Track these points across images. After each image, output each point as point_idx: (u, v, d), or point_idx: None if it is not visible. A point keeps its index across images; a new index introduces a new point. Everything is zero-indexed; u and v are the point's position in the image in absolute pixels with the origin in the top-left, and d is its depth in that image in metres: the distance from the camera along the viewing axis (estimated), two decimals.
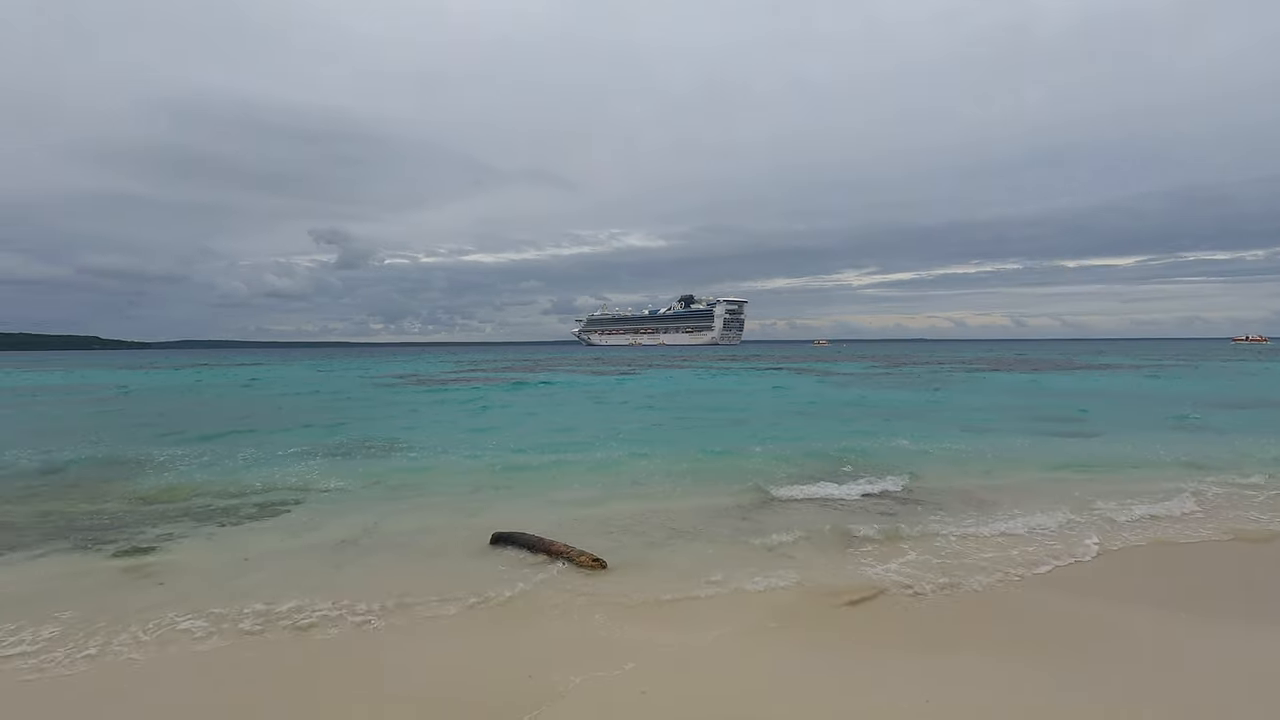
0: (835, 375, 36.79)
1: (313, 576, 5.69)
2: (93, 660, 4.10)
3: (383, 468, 10.92)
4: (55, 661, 4.08)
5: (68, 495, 9.17)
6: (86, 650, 4.21)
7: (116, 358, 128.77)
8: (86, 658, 4.12)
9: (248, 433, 15.61)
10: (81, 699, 3.65)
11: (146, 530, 7.36)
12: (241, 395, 29.23)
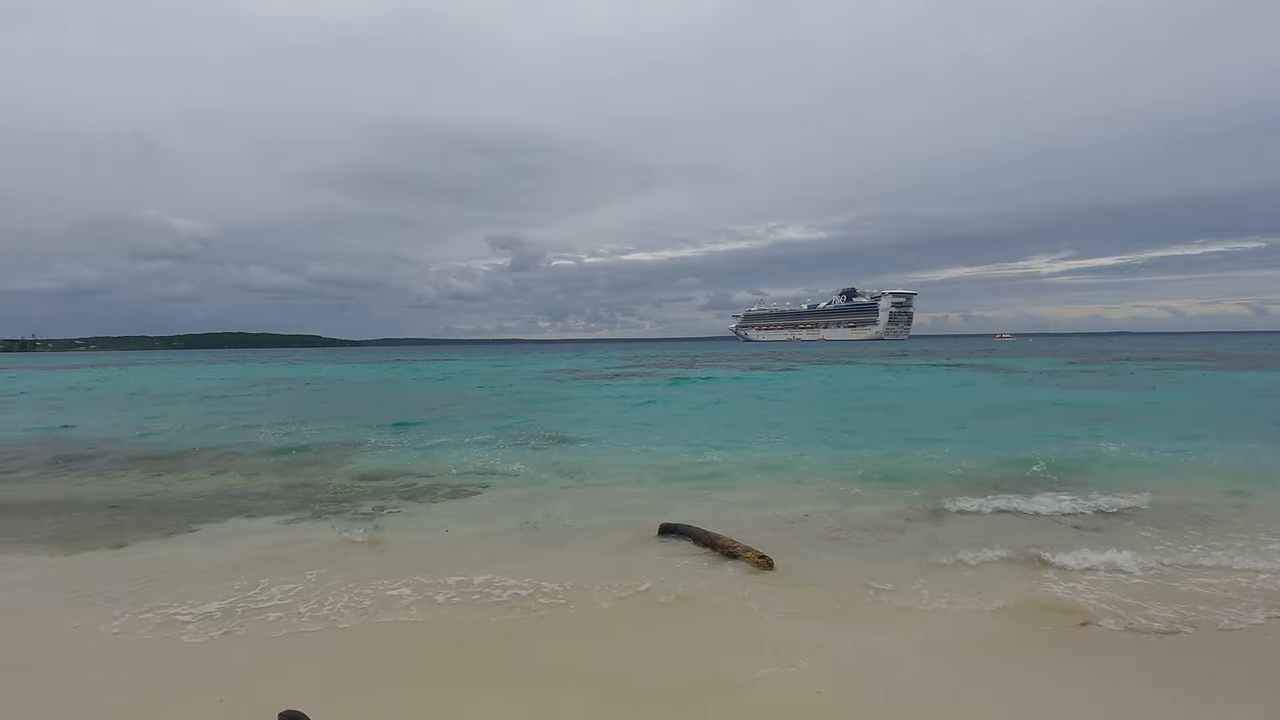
0: (1022, 372, 33.30)
1: (502, 554, 6.24)
2: (324, 620, 4.80)
3: (557, 456, 11.66)
4: (299, 616, 4.84)
5: (306, 470, 10.81)
6: (322, 610, 4.95)
7: (332, 354, 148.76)
8: (320, 617, 4.85)
9: (441, 420, 17.38)
10: (315, 652, 4.31)
11: (366, 504, 8.49)
12: (435, 387, 32.56)
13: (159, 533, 7.17)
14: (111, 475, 10.62)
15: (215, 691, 3.56)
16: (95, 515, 8.02)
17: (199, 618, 4.68)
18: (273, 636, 4.35)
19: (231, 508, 8.31)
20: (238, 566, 5.89)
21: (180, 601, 5.02)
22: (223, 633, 4.42)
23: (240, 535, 7.04)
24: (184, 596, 5.13)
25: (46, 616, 4.77)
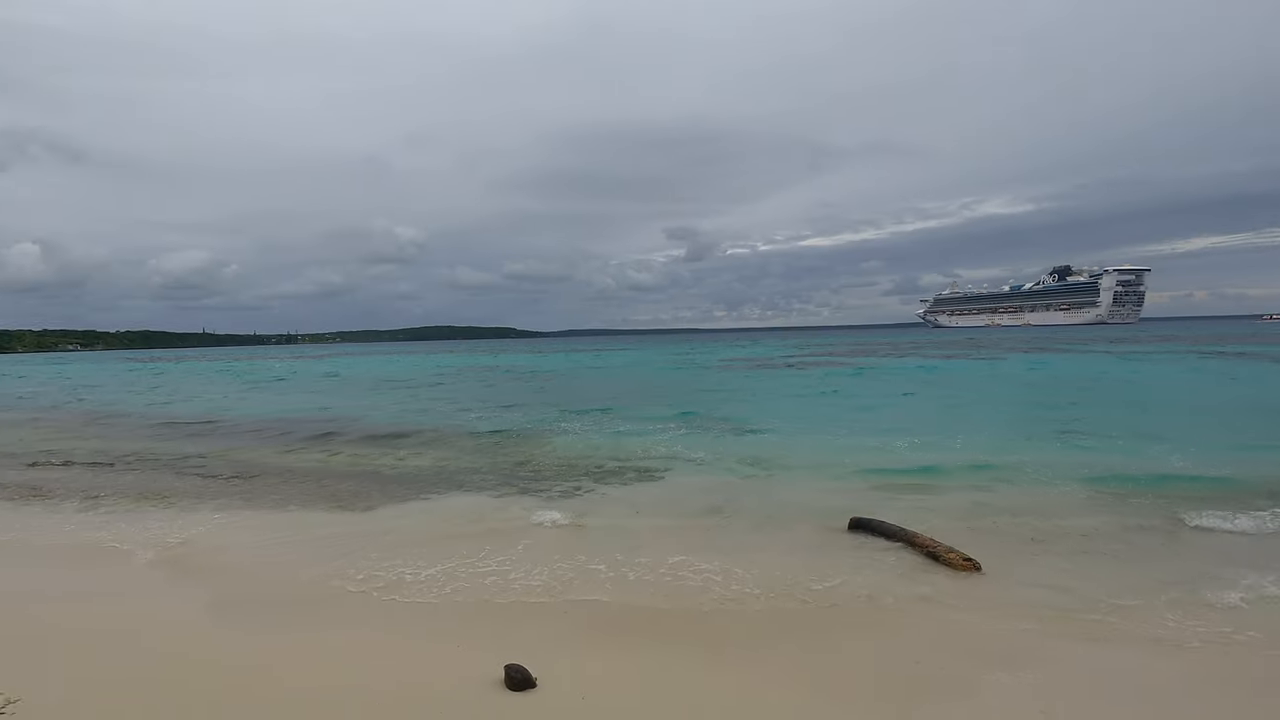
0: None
1: (690, 539, 6.37)
2: (533, 587, 5.23)
3: (739, 445, 11.66)
4: (512, 581, 5.32)
5: (508, 449, 11.86)
6: (531, 578, 5.40)
7: (525, 344, 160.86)
8: (531, 585, 5.29)
9: (625, 407, 18.15)
10: (527, 614, 4.71)
11: (561, 483, 9.12)
12: (617, 375, 34.08)
13: (395, 500, 8.27)
14: (357, 448, 12.44)
15: (448, 641, 4.05)
16: (345, 482, 9.44)
17: (429, 576, 5.33)
18: (491, 599, 4.84)
19: (449, 481, 9.35)
20: (458, 535, 6.61)
21: (413, 561, 5.76)
22: (450, 590, 5.00)
23: (459, 506, 7.89)
24: (416, 557, 5.88)
25: (310, 569, 5.71)
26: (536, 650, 3.76)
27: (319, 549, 6.20)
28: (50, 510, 8.14)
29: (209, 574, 5.49)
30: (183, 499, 8.60)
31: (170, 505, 8.26)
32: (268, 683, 3.47)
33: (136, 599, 4.91)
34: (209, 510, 7.93)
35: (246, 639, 4.13)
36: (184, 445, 13.43)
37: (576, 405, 19.04)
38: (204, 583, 5.26)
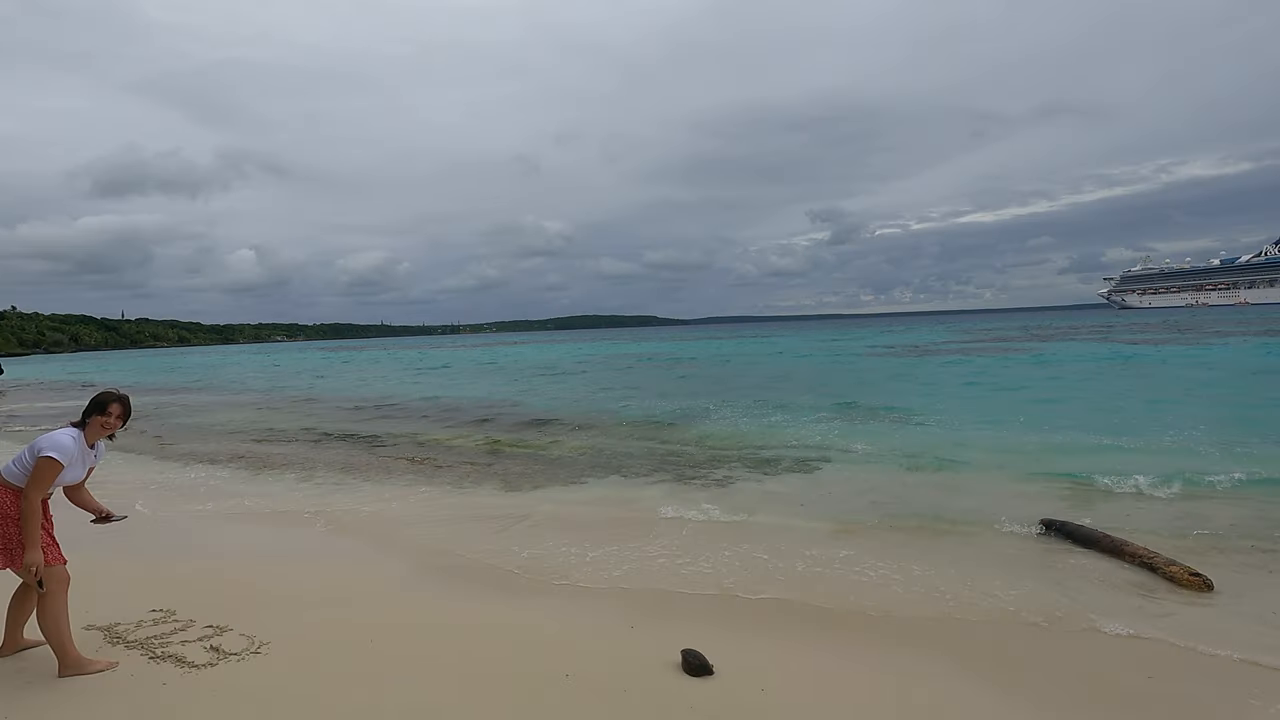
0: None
1: (856, 534, 6.08)
2: (700, 574, 5.23)
3: (900, 436, 11.00)
4: (680, 567, 5.37)
5: (660, 435, 12.03)
6: (697, 564, 5.41)
7: (666, 332, 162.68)
8: (699, 572, 5.30)
9: (775, 395, 17.78)
10: (695, 600, 4.71)
11: (716, 470, 9.10)
12: (762, 362, 33.53)
13: (557, 482, 8.67)
14: (517, 432, 13.21)
15: (620, 622, 4.15)
16: (511, 463, 10.05)
17: (595, 559, 5.51)
18: (658, 586, 4.90)
19: (606, 466, 9.65)
20: (621, 520, 6.78)
21: (580, 543, 5.98)
22: (619, 574, 5.13)
23: (618, 492, 8.11)
24: (582, 540, 6.09)
25: (487, 545, 6.11)
26: (707, 639, 3.74)
27: (493, 526, 6.63)
28: (275, 479, 9.40)
29: (400, 545, 6.03)
30: (375, 473, 9.59)
31: (366, 479, 9.23)
32: (459, 651, 3.74)
33: (342, 563, 5.51)
34: (397, 486, 8.76)
35: (437, 607, 4.48)
36: (373, 425, 15.00)
37: (722, 393, 18.94)
38: (396, 553, 5.79)
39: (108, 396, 3.45)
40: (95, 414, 3.41)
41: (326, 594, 4.65)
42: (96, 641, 3.73)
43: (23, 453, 3.32)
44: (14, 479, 3.27)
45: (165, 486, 8.94)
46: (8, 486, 3.28)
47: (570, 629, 4.05)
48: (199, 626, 3.93)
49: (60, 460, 3.24)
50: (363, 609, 4.37)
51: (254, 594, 4.56)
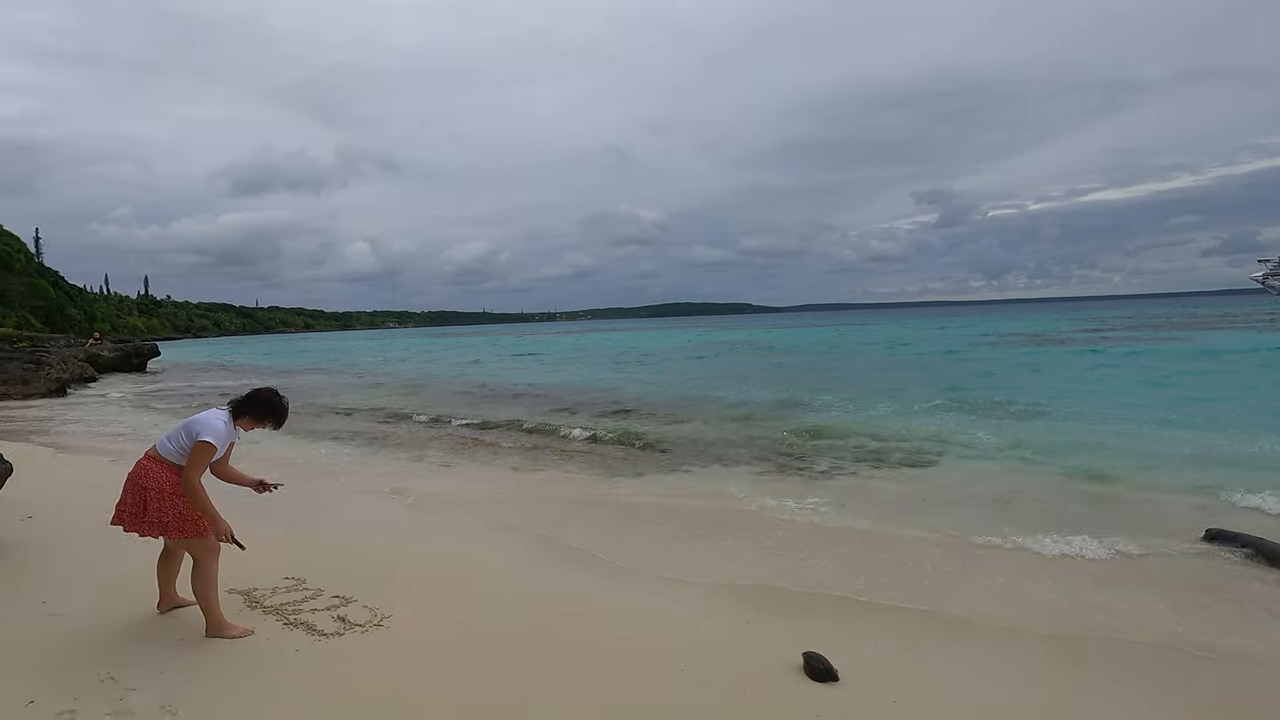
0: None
1: (995, 537, 5.61)
2: (822, 572, 4.97)
3: (1027, 431, 10.13)
4: (803, 564, 5.12)
5: (762, 425, 11.70)
6: (816, 568, 5.15)
7: (761, 319, 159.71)
8: (825, 576, 5.03)
9: (880, 385, 16.95)
10: (817, 600, 4.46)
11: (821, 461, 8.72)
12: (864, 351, 32.20)
13: (661, 469, 8.57)
14: (617, 419, 13.25)
15: (737, 619, 3.97)
16: (613, 448, 10.07)
17: (706, 549, 5.36)
18: (775, 583, 4.68)
19: (707, 455, 9.46)
20: (730, 512, 6.60)
21: (690, 533, 5.85)
22: (735, 567, 4.95)
23: (723, 482, 7.90)
24: (693, 529, 5.96)
25: (594, 531, 6.08)
26: (828, 643, 3.50)
27: (598, 514, 6.61)
28: (390, 458, 9.88)
29: (508, 528, 6.12)
30: (481, 454, 9.88)
31: (472, 459, 9.52)
32: (573, 635, 3.70)
33: (455, 541, 5.64)
34: (502, 468, 8.97)
35: (547, 591, 4.47)
36: (479, 409, 15.52)
37: (823, 383, 18.28)
38: (506, 535, 5.87)
39: (280, 408, 3.73)
40: (266, 418, 3.70)
41: (441, 571, 4.75)
42: (237, 605, 3.96)
43: (177, 431, 3.50)
44: (170, 455, 3.46)
45: (296, 462, 9.57)
46: (163, 462, 3.47)
47: (681, 622, 3.92)
48: (327, 596, 4.10)
49: (216, 445, 3.44)
50: (477, 588, 4.43)
51: (376, 567, 4.72)
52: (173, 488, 3.43)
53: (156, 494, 3.41)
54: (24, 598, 4.05)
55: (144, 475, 3.44)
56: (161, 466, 3.46)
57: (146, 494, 3.41)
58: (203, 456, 3.41)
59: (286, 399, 3.76)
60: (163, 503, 3.42)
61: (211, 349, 70.91)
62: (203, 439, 3.39)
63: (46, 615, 3.79)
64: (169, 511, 3.42)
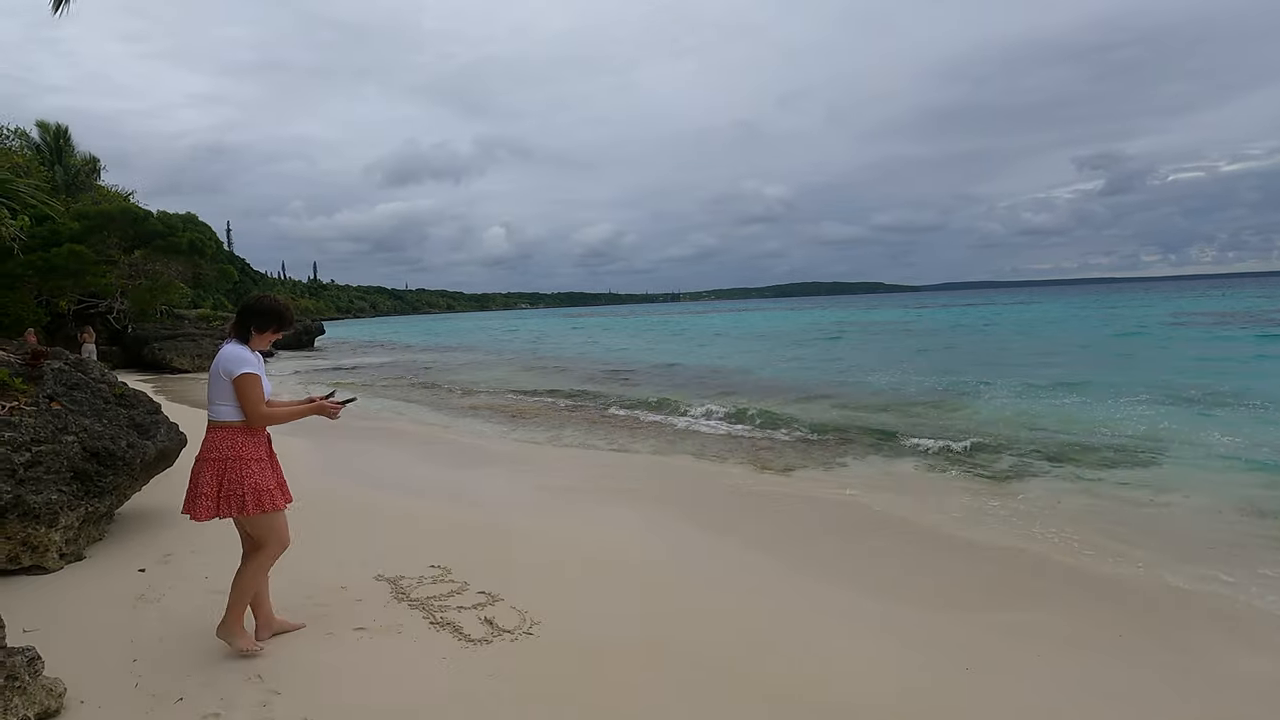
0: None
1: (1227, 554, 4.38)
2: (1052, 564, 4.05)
3: (1268, 430, 8.29)
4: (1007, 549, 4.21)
5: (923, 412, 10.49)
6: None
7: (897, 299, 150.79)
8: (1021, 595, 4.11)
9: (1055, 371, 14.95)
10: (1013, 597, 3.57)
11: (1003, 456, 7.53)
12: (1025, 331, 29.08)
13: (814, 462, 7.76)
14: (756, 398, 12.48)
15: (958, 662, 3.21)
16: (759, 432, 9.35)
17: (913, 567, 4.57)
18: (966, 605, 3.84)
19: (863, 443, 8.51)
20: (901, 521, 5.74)
21: (866, 537, 5.08)
22: (925, 583, 4.15)
23: (889, 476, 7.00)
24: (865, 535, 5.19)
25: (732, 522, 5.44)
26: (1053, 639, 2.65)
27: (754, 506, 5.98)
28: (528, 436, 9.76)
29: (657, 517, 5.64)
30: (620, 436, 9.52)
31: (610, 442, 9.17)
32: (754, 647, 3.10)
33: (605, 530, 5.21)
34: (643, 452, 8.55)
35: (717, 594, 3.91)
36: (613, 388, 15.33)
37: (983, 367, 16.44)
38: (655, 524, 5.38)
39: (276, 307, 3.14)
40: (268, 323, 3.11)
41: (593, 564, 4.31)
42: (384, 595, 3.72)
43: (215, 387, 3.01)
44: (226, 415, 2.97)
45: (440, 439, 9.69)
46: (226, 426, 2.97)
47: (885, 629, 3.21)
48: (472, 592, 3.76)
49: (257, 372, 2.99)
50: (632, 586, 3.94)
51: (523, 558, 4.38)
52: (241, 452, 2.97)
53: (234, 463, 2.95)
54: (189, 573, 4.05)
55: (211, 448, 2.97)
56: (225, 431, 2.97)
57: (223, 466, 2.94)
58: (252, 389, 2.95)
59: (278, 298, 3.20)
60: (239, 472, 2.95)
61: (367, 328, 77.29)
62: (240, 373, 2.93)
63: (209, 591, 3.73)
64: (245, 482, 2.94)
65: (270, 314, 3.11)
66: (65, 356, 5.00)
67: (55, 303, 21.59)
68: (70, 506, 4.11)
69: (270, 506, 3.00)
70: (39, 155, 24.74)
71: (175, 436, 5.15)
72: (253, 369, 2.97)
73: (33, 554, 3.94)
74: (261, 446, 3.07)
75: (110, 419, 4.63)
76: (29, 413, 4.23)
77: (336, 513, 5.44)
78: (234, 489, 2.94)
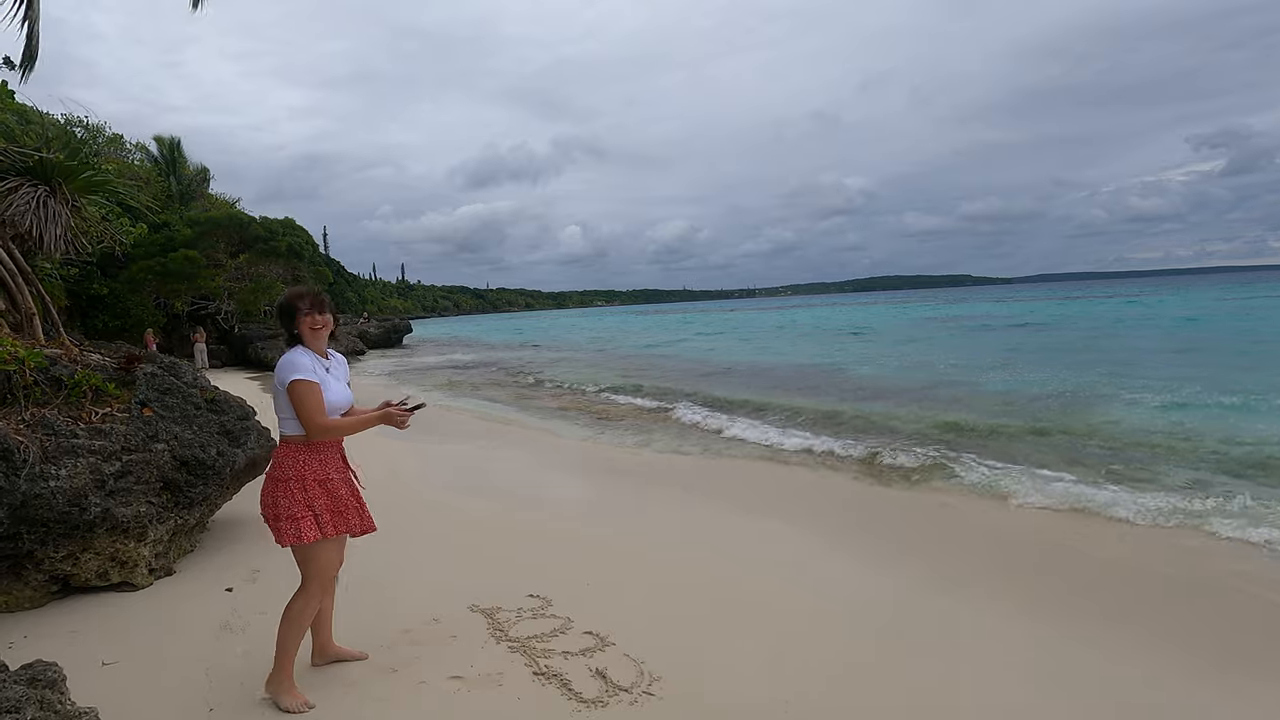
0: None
1: None
2: None
3: None
4: None
5: (1053, 418, 9.31)
6: None
7: (987, 293, 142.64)
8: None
9: (1198, 371, 13.23)
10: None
11: (1171, 471, 6.46)
12: (1159, 327, 26.48)
13: (937, 475, 6.91)
14: (852, 400, 11.57)
15: None
16: (867, 438, 8.51)
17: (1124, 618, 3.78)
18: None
19: (989, 450, 7.56)
20: (1062, 543, 4.88)
21: (1025, 563, 4.29)
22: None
23: (1054, 488, 6.10)
24: (1021, 559, 4.40)
25: (852, 545, 4.73)
26: None
27: (882, 528, 5.26)
28: (616, 440, 9.30)
29: (778, 536, 5.03)
30: (713, 441, 8.91)
31: (704, 448, 8.58)
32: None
33: (722, 549, 4.65)
34: (745, 454, 7.92)
35: (910, 655, 3.27)
36: (699, 384, 14.72)
37: (1111, 366, 14.80)
38: (783, 544, 4.78)
39: (292, 295, 2.69)
40: (301, 310, 2.64)
41: (718, 599, 3.73)
42: (480, 631, 3.29)
43: (276, 405, 2.67)
44: (291, 430, 2.61)
45: (532, 441, 9.37)
46: (288, 442, 2.62)
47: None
48: (578, 632, 3.28)
49: (311, 378, 2.55)
50: (769, 629, 3.34)
51: (631, 588, 3.87)
52: (298, 471, 2.58)
53: (279, 484, 2.58)
54: (277, 593, 3.75)
55: (273, 465, 2.65)
56: (286, 448, 2.62)
57: (273, 485, 2.60)
58: (306, 397, 2.53)
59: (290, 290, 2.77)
60: (272, 493, 2.58)
61: (451, 326, 79.74)
62: (292, 379, 2.53)
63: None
64: (280, 506, 2.56)
65: (287, 309, 2.66)
66: (159, 360, 4.87)
67: (171, 305, 22.97)
68: (160, 519, 3.90)
69: (293, 539, 2.55)
70: (156, 167, 26.43)
71: (265, 443, 4.94)
72: (306, 375, 2.55)
73: (121, 570, 3.75)
74: (330, 465, 2.66)
75: (200, 425, 4.44)
76: (120, 419, 4.06)
77: (423, 522, 5.12)
78: (267, 512, 2.60)
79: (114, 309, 21.35)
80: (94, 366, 4.36)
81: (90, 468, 3.68)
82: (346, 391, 2.73)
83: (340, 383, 2.72)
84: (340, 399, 2.68)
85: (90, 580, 3.65)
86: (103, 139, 22.51)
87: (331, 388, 2.64)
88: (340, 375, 2.77)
